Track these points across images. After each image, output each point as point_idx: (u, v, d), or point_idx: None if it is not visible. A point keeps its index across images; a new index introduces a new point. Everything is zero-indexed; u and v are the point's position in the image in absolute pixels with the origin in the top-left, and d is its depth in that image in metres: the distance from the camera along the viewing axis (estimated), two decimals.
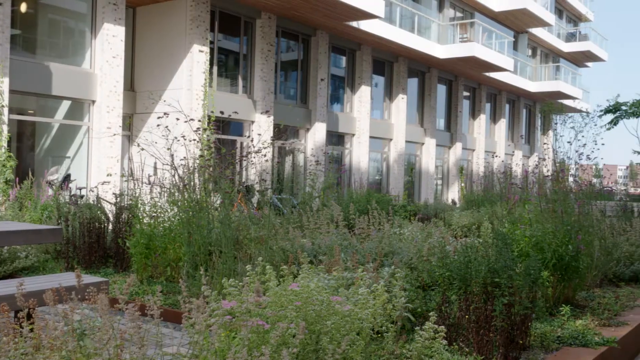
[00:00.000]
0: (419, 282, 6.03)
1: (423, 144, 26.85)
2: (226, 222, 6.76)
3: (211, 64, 17.18)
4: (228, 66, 18.78)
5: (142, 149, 8.94)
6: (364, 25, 20.41)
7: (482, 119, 31.04)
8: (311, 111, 20.72)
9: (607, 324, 5.86)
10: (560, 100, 35.15)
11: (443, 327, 3.74)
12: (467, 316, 4.75)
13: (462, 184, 26.35)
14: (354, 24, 20.08)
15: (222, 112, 10.39)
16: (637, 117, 14.85)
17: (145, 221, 7.56)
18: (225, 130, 18.01)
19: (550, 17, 31.45)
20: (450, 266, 5.56)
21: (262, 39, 18.48)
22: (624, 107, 15.00)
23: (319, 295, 3.37)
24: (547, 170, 9.02)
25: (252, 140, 13.41)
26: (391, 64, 24.87)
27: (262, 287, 3.77)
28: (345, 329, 3.22)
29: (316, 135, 20.63)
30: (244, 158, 10.40)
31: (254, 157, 10.06)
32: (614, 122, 15.19)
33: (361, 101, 22.87)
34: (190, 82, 16.24)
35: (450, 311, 5.00)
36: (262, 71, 18.48)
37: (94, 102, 14.84)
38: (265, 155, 10.62)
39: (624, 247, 8.73)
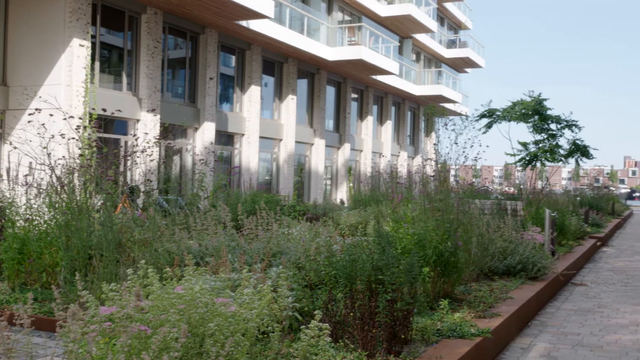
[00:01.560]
0: (307, 282, 6.09)
1: (312, 144, 27.17)
2: (108, 225, 6.49)
3: (93, 60, 16.42)
4: (111, 62, 18.04)
5: (15, 148, 8.38)
6: (254, 25, 20.34)
7: (370, 120, 31.89)
8: (200, 110, 20.36)
9: (482, 316, 6.20)
10: (442, 104, 36.80)
11: (327, 324, 3.79)
12: (352, 313, 4.85)
13: (351, 184, 26.94)
14: (244, 23, 19.96)
15: (104, 110, 9.95)
16: (508, 121, 15.89)
17: (18, 224, 7.09)
18: (108, 129, 17.29)
19: (432, 24, 32.86)
20: (336, 265, 5.67)
21: (147, 35, 17.92)
22: (497, 113, 15.98)
23: (203, 298, 3.30)
24: (431, 171, 9.38)
25: (136, 139, 12.95)
26: (281, 65, 24.97)
27: (145, 291, 3.64)
28: (229, 330, 3.18)
29: (205, 134, 20.30)
30: (128, 158, 10.04)
31: (139, 157, 9.74)
32: (489, 126, 16.13)
33: (251, 101, 22.77)
34: (69, 77, 15.43)
35: (337, 309, 5.08)
36: (148, 68, 17.92)
37: None
38: (150, 155, 10.30)
39: (499, 243, 9.27)
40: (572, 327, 7.06)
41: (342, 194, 28.63)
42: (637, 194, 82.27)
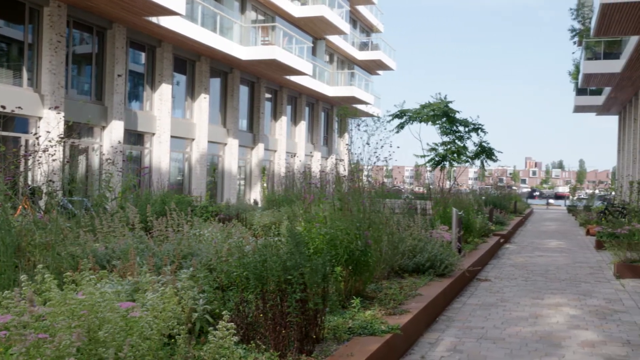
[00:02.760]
0: (218, 283, 5.99)
1: (226, 144, 26.87)
2: (5, 228, 6.12)
3: None
4: (11, 56, 17.08)
5: None
6: (165, 21, 19.86)
7: (284, 120, 31.91)
8: (107, 108, 19.66)
9: (392, 313, 6.33)
10: (354, 105, 37.35)
11: (234, 324, 3.74)
12: (263, 314, 4.82)
13: (264, 184, 26.84)
14: (154, 19, 19.45)
15: (2, 107, 9.41)
16: (419, 123, 16.29)
17: None
18: (7, 127, 16.35)
19: (345, 26, 33.31)
20: (248, 266, 5.61)
21: (50, 29, 17.10)
22: (408, 114, 16.35)
23: (106, 303, 3.17)
24: (344, 171, 9.49)
25: (38, 138, 12.34)
26: (193, 63, 24.53)
27: (44, 297, 3.45)
28: (130, 335, 3.06)
29: (113, 133, 19.62)
30: (29, 157, 9.55)
31: (41, 156, 9.28)
32: (401, 127, 16.49)
33: (162, 99, 22.23)
34: None
35: (248, 310, 5.04)
36: (50, 63, 17.10)
37: None
38: (53, 155, 9.84)
39: (408, 242, 9.50)
40: (477, 321, 7.33)
41: (255, 194, 28.50)
42: (537, 193, 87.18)
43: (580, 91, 38.37)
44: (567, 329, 6.99)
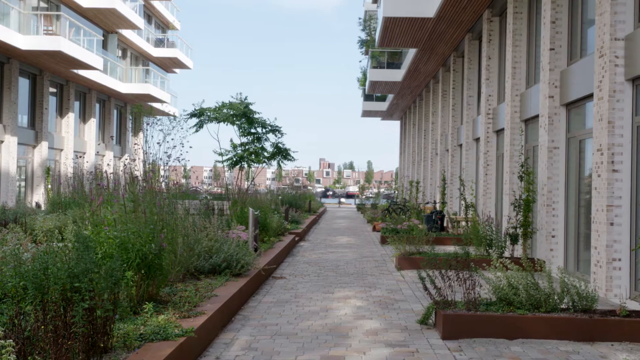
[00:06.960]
0: None
1: (2, 142, 24.34)
2: None
3: None
4: None
5: None
6: None
7: (71, 117, 29.80)
8: None
9: (187, 316, 6.21)
10: (150, 103, 36.10)
11: (12, 341, 3.39)
12: (44, 326, 4.43)
13: (49, 186, 24.80)
14: None
15: None
16: (217, 122, 16.28)
17: None
18: None
19: (139, 20, 32.05)
20: (26, 275, 5.14)
21: None
22: (207, 113, 16.24)
23: None
24: (137, 171, 9.10)
25: None
26: None
27: None
28: None
29: None
30: None
31: None
32: (199, 126, 16.31)
33: None
34: None
35: (26, 324, 4.60)
36: None
37: None
38: None
39: (204, 243, 9.41)
40: (271, 318, 7.49)
41: (38, 196, 26.24)
42: (331, 192, 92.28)
43: (367, 97, 41.21)
44: (354, 319, 7.44)
